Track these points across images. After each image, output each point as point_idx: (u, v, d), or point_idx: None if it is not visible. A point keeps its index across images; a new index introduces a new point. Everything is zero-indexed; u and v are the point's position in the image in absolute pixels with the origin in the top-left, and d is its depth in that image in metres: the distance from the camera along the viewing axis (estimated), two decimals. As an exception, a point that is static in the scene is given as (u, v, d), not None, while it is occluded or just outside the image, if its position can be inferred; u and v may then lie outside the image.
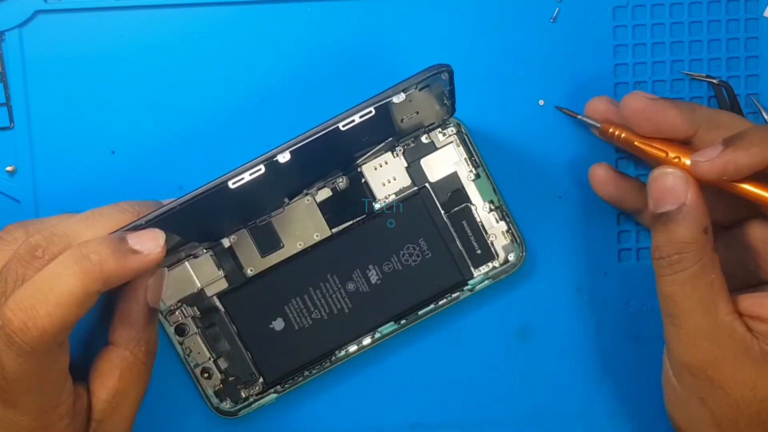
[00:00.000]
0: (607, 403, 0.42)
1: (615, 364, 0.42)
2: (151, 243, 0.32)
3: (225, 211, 0.37)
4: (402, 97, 0.32)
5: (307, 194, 0.40)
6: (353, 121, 0.31)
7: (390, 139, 0.39)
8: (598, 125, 0.38)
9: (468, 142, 0.40)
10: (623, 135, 0.37)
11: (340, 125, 0.31)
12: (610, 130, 0.38)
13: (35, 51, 0.40)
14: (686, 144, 0.36)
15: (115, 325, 0.36)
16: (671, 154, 0.35)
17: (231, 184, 0.31)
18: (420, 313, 0.40)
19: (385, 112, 0.33)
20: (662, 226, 0.33)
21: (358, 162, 0.40)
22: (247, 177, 0.31)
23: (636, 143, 0.37)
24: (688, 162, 0.35)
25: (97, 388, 0.35)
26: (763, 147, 0.32)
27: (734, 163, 0.33)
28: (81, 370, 0.36)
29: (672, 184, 0.33)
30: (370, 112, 0.31)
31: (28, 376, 0.31)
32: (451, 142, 0.40)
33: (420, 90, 0.33)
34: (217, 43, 0.41)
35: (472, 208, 0.40)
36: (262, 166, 0.31)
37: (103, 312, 0.39)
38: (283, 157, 0.31)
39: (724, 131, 0.34)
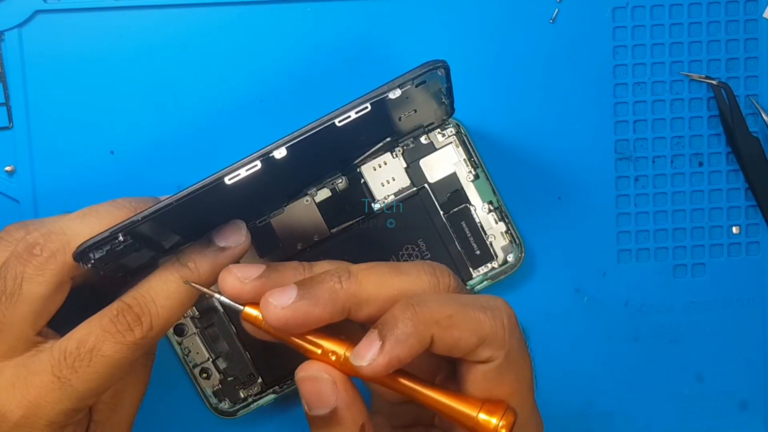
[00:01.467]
0: (606, 403, 0.42)
1: (614, 364, 0.42)
2: (235, 236, 0.34)
3: (224, 209, 0.36)
4: (398, 92, 0.31)
5: (306, 194, 0.40)
6: (349, 116, 0.31)
7: (389, 138, 0.39)
8: (241, 308, 0.31)
9: (467, 142, 0.40)
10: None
11: (336, 121, 0.31)
12: (256, 313, 0.31)
13: (34, 51, 0.40)
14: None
15: None
16: (327, 347, 0.30)
17: (227, 180, 0.31)
18: (419, 313, 0.40)
19: (381, 108, 0.33)
20: (318, 428, 0.31)
21: (357, 162, 0.40)
22: (243, 173, 0.31)
23: (291, 339, 0.31)
24: (346, 354, 0.30)
25: None
26: (415, 336, 0.29)
27: (397, 360, 0.29)
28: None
29: (321, 389, 0.30)
30: (366, 107, 0.31)
31: (114, 364, 0.32)
32: (451, 142, 0.40)
33: (416, 86, 0.33)
34: (216, 44, 0.41)
35: (471, 208, 0.40)
36: (258, 162, 0.31)
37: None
38: (279, 153, 0.31)
39: (373, 306, 0.30)
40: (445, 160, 0.40)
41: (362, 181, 0.40)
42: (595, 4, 0.41)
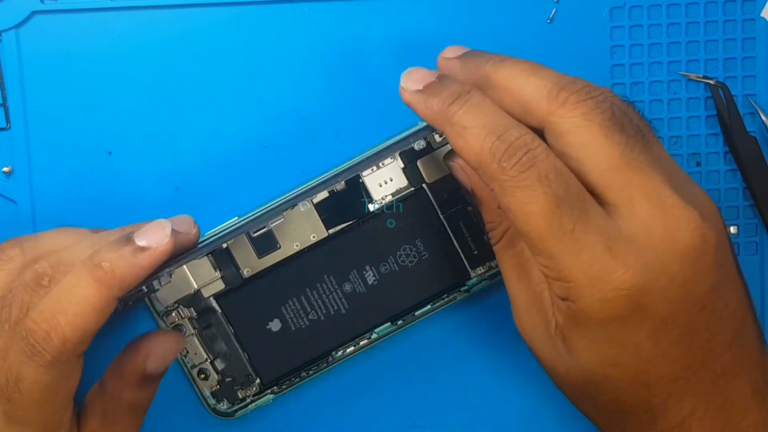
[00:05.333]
0: (604, 403, 0.42)
1: (612, 364, 0.42)
2: (158, 235, 0.32)
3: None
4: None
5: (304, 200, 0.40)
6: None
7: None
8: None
9: (465, 142, 0.40)
10: None
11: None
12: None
13: (32, 52, 0.40)
14: None
15: (109, 369, 0.36)
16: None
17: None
18: (417, 314, 0.40)
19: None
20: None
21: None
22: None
23: None
24: None
25: (83, 423, 0.35)
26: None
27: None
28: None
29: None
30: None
31: (44, 387, 0.31)
32: (449, 142, 0.40)
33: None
34: (214, 44, 0.41)
35: (470, 208, 0.40)
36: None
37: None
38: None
39: (498, 93, 0.32)
40: (443, 160, 0.40)
41: (360, 181, 0.40)
42: (593, 4, 0.41)
